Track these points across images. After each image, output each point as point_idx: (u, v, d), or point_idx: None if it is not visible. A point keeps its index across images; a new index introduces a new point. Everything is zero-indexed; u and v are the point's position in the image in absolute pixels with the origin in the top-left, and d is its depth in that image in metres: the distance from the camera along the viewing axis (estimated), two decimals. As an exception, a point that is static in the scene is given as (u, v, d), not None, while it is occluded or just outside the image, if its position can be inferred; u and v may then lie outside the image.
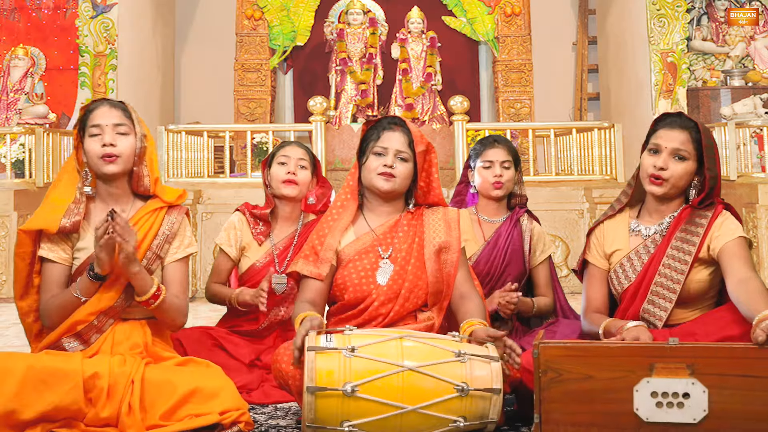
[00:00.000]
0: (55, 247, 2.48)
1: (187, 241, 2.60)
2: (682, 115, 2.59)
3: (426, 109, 7.71)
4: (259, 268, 3.09)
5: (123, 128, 2.50)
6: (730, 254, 2.42)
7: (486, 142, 3.26)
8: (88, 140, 2.49)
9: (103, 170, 2.48)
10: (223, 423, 2.26)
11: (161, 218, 2.55)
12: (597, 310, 2.60)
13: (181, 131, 6.28)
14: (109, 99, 2.59)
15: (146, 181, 2.55)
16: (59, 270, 2.48)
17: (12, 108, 7.33)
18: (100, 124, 2.49)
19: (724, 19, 7.78)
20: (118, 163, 2.48)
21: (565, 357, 2.10)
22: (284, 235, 3.14)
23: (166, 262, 2.56)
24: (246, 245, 3.12)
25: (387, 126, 2.58)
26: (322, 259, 2.52)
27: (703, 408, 2.04)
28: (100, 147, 2.46)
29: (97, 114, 2.51)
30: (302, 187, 3.13)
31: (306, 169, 3.15)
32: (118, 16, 7.38)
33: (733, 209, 2.56)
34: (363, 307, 2.51)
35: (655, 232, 2.57)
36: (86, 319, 2.44)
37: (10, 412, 2.19)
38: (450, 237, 2.57)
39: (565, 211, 5.89)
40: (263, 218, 3.14)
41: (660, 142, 2.53)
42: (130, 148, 2.50)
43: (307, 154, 3.18)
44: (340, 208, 2.60)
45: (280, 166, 3.13)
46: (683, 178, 2.52)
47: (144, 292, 2.43)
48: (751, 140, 5.95)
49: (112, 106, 2.53)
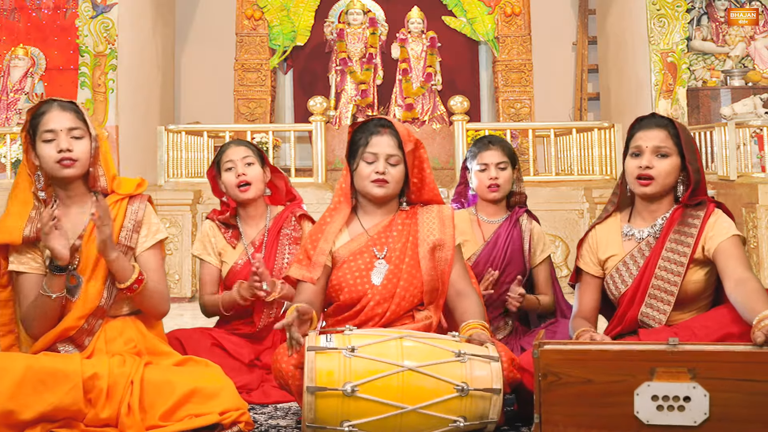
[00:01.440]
0: (24, 258, 2.46)
1: (155, 228, 2.57)
2: (656, 114, 2.61)
3: (426, 109, 7.71)
4: (239, 269, 3.08)
5: (78, 132, 2.46)
6: (726, 254, 2.41)
7: (481, 144, 3.25)
8: (42, 145, 2.44)
9: (60, 174, 2.44)
10: (223, 423, 2.26)
11: (123, 209, 2.53)
12: (584, 317, 2.61)
13: (181, 131, 6.28)
14: (57, 100, 2.51)
15: (102, 180, 2.52)
16: (34, 280, 2.46)
17: (12, 108, 7.33)
18: (54, 129, 2.43)
19: (724, 19, 7.77)
20: (76, 167, 2.45)
21: (565, 361, 2.10)
22: (255, 233, 3.14)
23: (138, 252, 2.54)
24: (221, 250, 3.13)
25: (374, 130, 2.57)
26: (314, 263, 2.52)
27: (703, 411, 2.04)
28: (57, 152, 2.42)
29: (49, 118, 2.45)
30: (256, 184, 3.10)
31: (253, 164, 3.12)
32: (118, 16, 7.37)
33: (725, 207, 2.56)
34: (359, 307, 2.52)
35: (649, 235, 2.56)
36: (76, 324, 2.43)
37: (9, 412, 2.19)
38: (444, 234, 2.56)
39: (565, 211, 5.88)
40: (230, 223, 3.14)
41: (640, 144, 2.54)
42: (86, 151, 2.46)
43: (249, 149, 3.15)
44: (333, 211, 2.60)
45: (228, 172, 3.10)
46: (670, 174, 2.53)
47: (125, 279, 2.41)
48: (751, 140, 5.95)
49: (64, 109, 2.47)
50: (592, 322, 2.62)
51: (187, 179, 6.19)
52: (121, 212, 2.52)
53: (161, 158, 6.04)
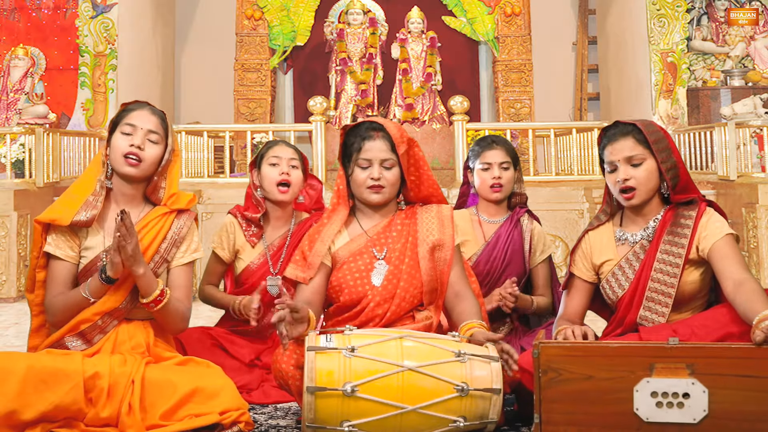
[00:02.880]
0: (62, 243, 2.48)
1: (194, 246, 2.61)
2: (619, 123, 2.57)
3: (426, 109, 7.71)
4: (254, 269, 3.09)
5: (155, 136, 2.52)
6: (722, 255, 2.41)
7: (484, 143, 3.24)
8: (118, 136, 2.50)
9: (122, 170, 2.50)
10: (223, 423, 2.26)
11: (170, 222, 2.56)
12: (569, 319, 2.60)
13: (181, 131, 6.28)
14: (151, 105, 2.60)
15: (161, 193, 2.56)
16: (66, 268, 2.48)
17: (12, 108, 7.33)
18: (134, 125, 2.50)
19: (724, 19, 7.77)
20: (140, 168, 2.49)
21: (565, 357, 2.10)
22: (277, 235, 3.13)
23: (172, 266, 2.56)
24: (240, 248, 3.12)
25: (366, 135, 2.55)
26: (309, 264, 2.53)
27: (703, 408, 2.04)
28: (128, 146, 2.48)
29: (134, 115, 2.52)
30: (295, 188, 3.11)
31: (297, 168, 3.12)
32: (118, 16, 7.37)
33: (717, 205, 2.55)
34: (359, 308, 2.52)
35: (642, 238, 2.55)
36: (91, 318, 2.45)
37: (11, 411, 2.19)
38: (443, 234, 2.56)
39: (565, 211, 5.88)
40: (255, 222, 3.13)
41: (612, 159, 2.52)
42: (156, 156, 2.51)
43: (296, 153, 3.16)
44: (332, 212, 2.60)
45: (271, 167, 3.09)
46: (650, 179, 2.51)
47: (148, 294, 2.43)
48: (751, 140, 5.95)
49: (152, 113, 2.55)
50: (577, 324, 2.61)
51: (188, 179, 6.20)
52: (167, 225, 2.55)
53: (161, 158, 6.04)
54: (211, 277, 3.16)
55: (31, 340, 2.57)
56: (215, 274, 3.16)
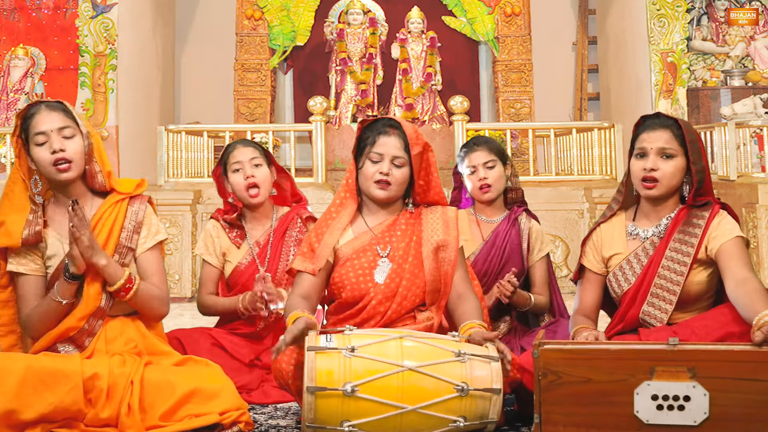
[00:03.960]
0: (24, 260, 2.46)
1: (155, 229, 2.57)
2: (660, 114, 2.60)
3: (426, 109, 7.71)
4: (243, 269, 3.09)
5: (68, 131, 2.44)
6: (728, 255, 2.41)
7: (467, 146, 3.25)
8: (36, 149, 2.42)
9: (58, 178, 2.43)
10: (223, 423, 2.26)
11: (124, 210, 2.52)
12: (585, 314, 2.60)
13: (181, 131, 6.28)
14: (45, 101, 2.49)
15: (100, 177, 2.50)
16: (34, 281, 2.46)
17: (12, 108, 7.32)
18: (44, 131, 2.41)
19: (724, 19, 7.77)
20: (73, 169, 2.43)
21: (565, 360, 2.10)
22: (260, 233, 3.13)
23: (137, 253, 2.53)
24: (226, 250, 3.12)
25: (382, 129, 2.56)
26: (319, 256, 2.52)
27: (703, 411, 2.04)
28: (50, 154, 2.40)
29: (38, 120, 2.43)
30: (265, 185, 3.09)
31: (262, 165, 3.10)
32: (118, 16, 7.37)
33: (730, 208, 2.56)
34: (361, 305, 2.52)
35: (653, 234, 2.56)
36: (77, 325, 2.43)
37: (11, 411, 2.19)
38: (448, 236, 2.56)
39: (565, 211, 5.88)
40: (235, 223, 3.13)
41: (645, 145, 2.53)
42: (80, 149, 2.45)
43: (256, 150, 3.13)
44: (339, 206, 2.60)
45: (235, 173, 3.08)
46: (675, 176, 2.52)
47: (114, 282, 2.41)
48: (751, 140, 5.95)
49: (51, 109, 2.45)
50: (592, 319, 2.61)
51: (187, 179, 6.19)
52: (122, 213, 2.52)
53: (161, 158, 6.04)
54: (207, 287, 3.13)
55: None
56: (210, 282, 3.13)
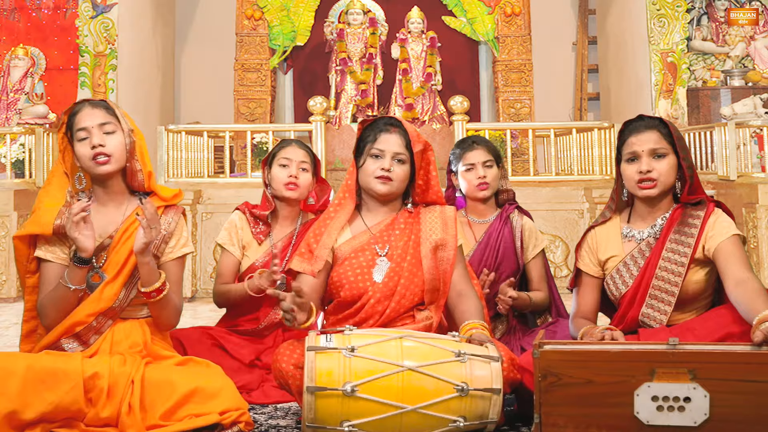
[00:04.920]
0: (53, 248, 2.48)
1: (183, 241, 2.60)
2: (643, 116, 2.60)
3: (426, 109, 7.71)
4: (259, 267, 3.08)
5: (109, 126, 2.49)
6: (726, 254, 2.41)
7: (464, 144, 3.26)
8: (78, 144, 2.48)
9: (96, 171, 2.48)
10: (223, 423, 2.26)
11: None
12: (584, 316, 2.60)
13: (181, 131, 6.28)
14: (89, 99, 2.57)
15: (140, 175, 2.55)
16: (57, 269, 2.48)
17: (12, 108, 7.33)
18: (86, 127, 2.47)
19: (724, 19, 7.77)
20: (111, 163, 2.48)
21: (565, 362, 2.09)
22: (283, 234, 3.14)
23: (161, 262, 2.56)
24: (246, 244, 3.12)
25: (383, 127, 2.58)
26: (317, 257, 2.53)
27: (704, 412, 2.04)
28: (90, 149, 2.46)
29: (81, 117, 2.50)
30: (303, 189, 3.12)
31: (307, 171, 3.14)
32: (118, 16, 7.37)
33: (725, 206, 2.56)
34: (359, 305, 2.52)
35: (649, 235, 2.56)
36: (85, 320, 2.44)
37: (12, 412, 2.19)
38: (446, 235, 2.57)
39: (565, 211, 5.88)
40: (263, 219, 3.14)
41: (636, 148, 2.53)
42: (120, 145, 2.49)
43: (308, 156, 3.17)
44: (338, 206, 2.60)
45: (281, 168, 3.11)
46: (670, 173, 2.53)
47: (150, 283, 2.44)
48: (751, 140, 5.95)
49: (94, 106, 2.52)
50: (592, 321, 2.61)
51: (187, 179, 6.19)
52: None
53: (161, 158, 6.04)
54: (224, 278, 3.12)
55: (22, 345, 2.57)
56: (229, 274, 3.11)
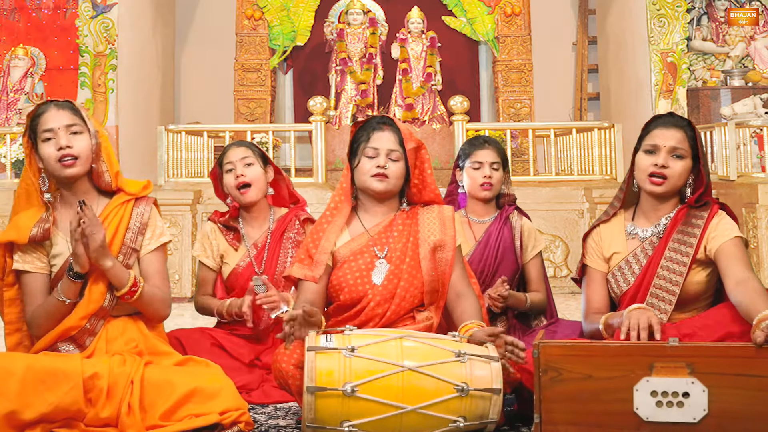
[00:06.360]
0: (29, 257, 2.47)
1: (159, 231, 2.58)
2: (674, 114, 2.60)
3: (426, 109, 7.72)
4: (240, 271, 3.09)
5: (76, 128, 2.46)
6: (728, 255, 2.41)
7: (476, 142, 3.26)
8: (43, 146, 2.45)
9: (63, 174, 2.45)
10: (223, 423, 2.26)
11: (129, 211, 2.53)
12: (598, 311, 2.59)
13: (181, 131, 6.28)
14: (54, 101, 2.53)
15: (107, 176, 2.52)
16: (39, 279, 2.47)
17: (12, 108, 7.33)
18: (52, 128, 2.44)
19: (724, 19, 7.77)
20: (78, 165, 2.45)
21: (566, 356, 2.10)
22: (257, 235, 3.14)
23: (141, 254, 2.54)
24: (223, 252, 3.13)
25: (376, 126, 2.58)
26: (317, 262, 2.52)
27: (702, 407, 2.04)
28: (57, 150, 2.42)
29: (46, 118, 2.46)
30: (258, 184, 3.10)
31: (253, 164, 3.10)
32: (118, 16, 7.37)
33: (729, 209, 2.56)
34: (359, 307, 2.51)
35: (652, 234, 2.56)
36: (78, 324, 2.44)
37: (12, 412, 2.19)
38: (445, 235, 2.57)
39: (565, 211, 5.88)
40: (230, 226, 3.14)
41: (657, 142, 2.53)
42: (87, 147, 2.47)
43: (248, 150, 3.14)
44: (334, 210, 2.60)
45: (228, 174, 3.10)
46: (682, 176, 2.53)
47: (121, 286, 2.42)
48: (751, 140, 5.95)
49: (60, 108, 2.48)
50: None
51: (187, 179, 6.19)
52: (127, 214, 2.53)
53: (161, 158, 6.05)
54: (204, 288, 3.14)
55: None
56: (207, 284, 3.14)
